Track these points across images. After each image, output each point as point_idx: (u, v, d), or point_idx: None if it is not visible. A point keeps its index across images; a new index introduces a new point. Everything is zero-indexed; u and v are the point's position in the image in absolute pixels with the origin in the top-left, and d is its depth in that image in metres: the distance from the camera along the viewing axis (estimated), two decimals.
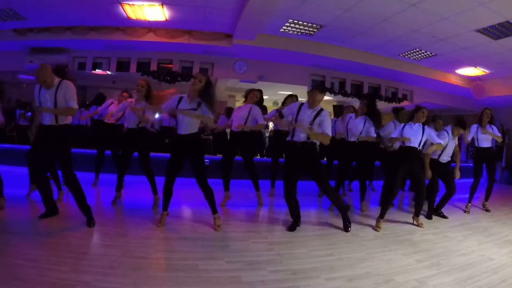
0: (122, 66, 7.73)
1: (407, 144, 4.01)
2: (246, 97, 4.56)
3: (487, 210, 5.23)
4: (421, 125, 4.07)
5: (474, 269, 2.77)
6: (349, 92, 8.92)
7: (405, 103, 9.13)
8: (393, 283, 2.43)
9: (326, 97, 8.70)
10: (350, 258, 2.89)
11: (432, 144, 4.15)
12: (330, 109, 10.50)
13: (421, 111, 4.10)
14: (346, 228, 3.73)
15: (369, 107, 4.61)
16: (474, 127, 5.15)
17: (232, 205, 4.50)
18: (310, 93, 3.62)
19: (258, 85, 8.64)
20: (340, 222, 3.80)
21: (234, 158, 4.51)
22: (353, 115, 4.79)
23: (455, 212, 4.93)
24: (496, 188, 8.64)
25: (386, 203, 4.00)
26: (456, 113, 10.82)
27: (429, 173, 4.27)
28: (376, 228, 3.86)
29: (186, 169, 3.41)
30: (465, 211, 5.05)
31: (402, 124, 4.21)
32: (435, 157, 4.53)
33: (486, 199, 5.31)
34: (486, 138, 5.10)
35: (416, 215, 4.18)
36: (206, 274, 2.41)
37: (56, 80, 3.22)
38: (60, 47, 7.28)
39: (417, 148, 4.02)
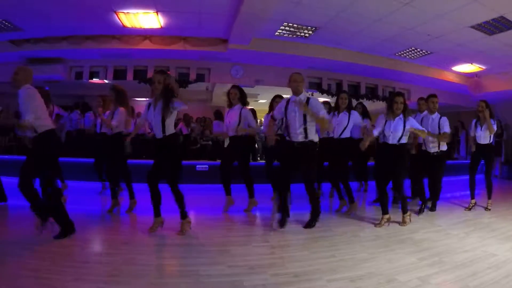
0: (119, 74, 7.76)
1: (386, 140, 3.83)
2: (227, 99, 4.46)
3: (487, 209, 4.94)
4: (402, 119, 3.77)
5: (477, 266, 2.75)
6: None
7: None
8: (395, 283, 2.42)
9: (323, 99, 8.78)
10: (351, 259, 2.88)
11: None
12: None
13: (394, 101, 3.76)
14: (309, 224, 3.71)
15: (350, 100, 4.53)
16: (474, 122, 5.04)
17: (232, 209, 4.50)
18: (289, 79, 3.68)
19: (256, 89, 8.70)
20: (341, 224, 3.77)
21: (233, 163, 4.47)
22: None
23: (456, 209, 4.91)
24: (496, 183, 8.65)
25: (381, 202, 3.93)
26: (454, 110, 10.86)
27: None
28: (377, 224, 3.84)
29: (184, 175, 3.41)
30: (468, 208, 4.92)
31: (383, 118, 3.90)
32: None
33: (489, 197, 4.97)
34: (485, 135, 4.88)
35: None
36: (208, 280, 2.40)
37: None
38: (57, 57, 7.31)
39: (395, 144, 3.80)
